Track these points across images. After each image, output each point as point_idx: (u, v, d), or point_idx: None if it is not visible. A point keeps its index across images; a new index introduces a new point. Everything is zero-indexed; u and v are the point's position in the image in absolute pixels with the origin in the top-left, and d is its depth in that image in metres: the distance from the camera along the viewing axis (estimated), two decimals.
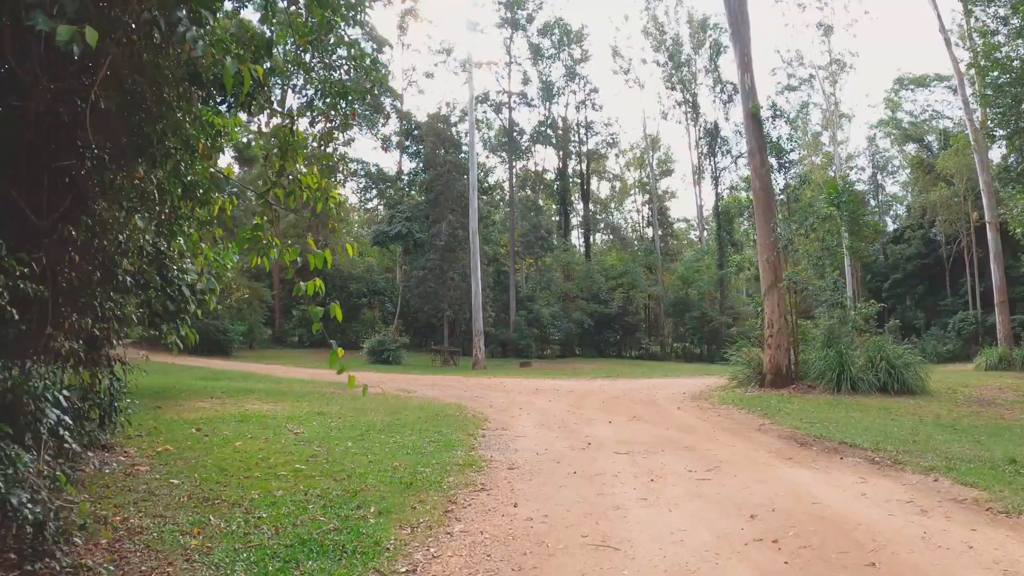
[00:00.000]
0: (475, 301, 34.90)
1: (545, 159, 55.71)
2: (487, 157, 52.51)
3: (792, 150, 27.14)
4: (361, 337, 38.80)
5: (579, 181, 56.76)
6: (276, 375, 22.10)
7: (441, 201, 41.01)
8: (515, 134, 51.62)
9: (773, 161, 20.20)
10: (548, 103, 53.29)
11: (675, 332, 49.06)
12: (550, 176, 57.04)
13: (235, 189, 7.12)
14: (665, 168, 64.08)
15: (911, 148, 55.97)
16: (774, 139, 22.81)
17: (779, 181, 22.00)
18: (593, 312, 47.78)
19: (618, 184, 69.32)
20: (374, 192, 53.91)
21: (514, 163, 52.46)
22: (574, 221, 57.09)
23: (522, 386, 19.64)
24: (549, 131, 53.70)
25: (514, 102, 51.85)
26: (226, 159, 22.64)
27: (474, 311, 35.08)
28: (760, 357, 17.45)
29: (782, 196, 21.73)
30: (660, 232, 58.33)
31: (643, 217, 67.90)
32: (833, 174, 60.39)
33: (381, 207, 52.96)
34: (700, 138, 52.50)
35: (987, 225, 30.15)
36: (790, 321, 16.61)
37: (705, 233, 60.32)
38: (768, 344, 16.82)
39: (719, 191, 51.14)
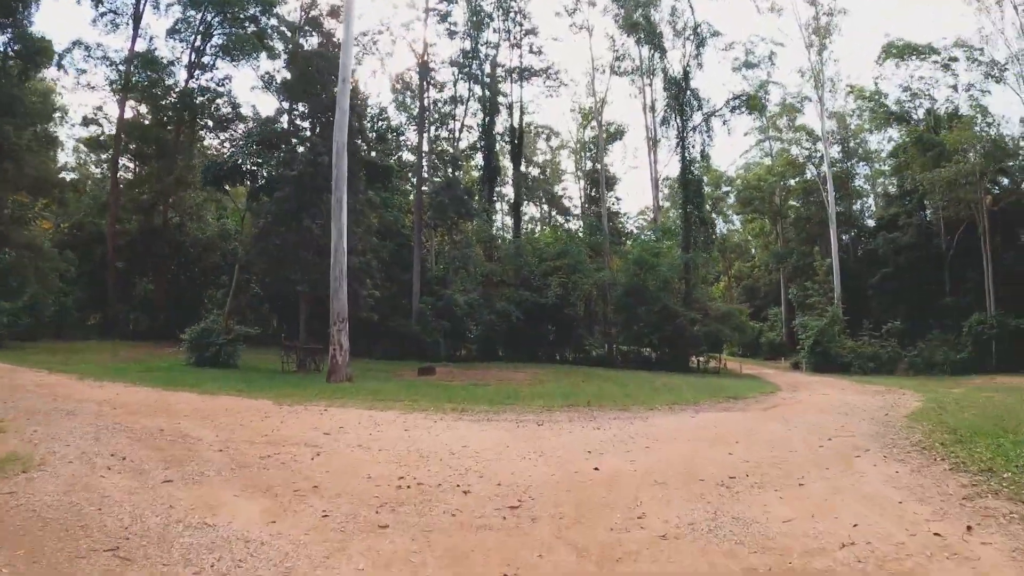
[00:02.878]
0: (335, 266, 22.38)
1: (468, 104, 46.08)
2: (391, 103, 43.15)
3: None
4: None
5: (509, 139, 47.56)
6: None
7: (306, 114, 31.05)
8: (427, 61, 42.56)
9: None
10: (476, 35, 44.11)
11: (627, 330, 40.60)
12: (474, 135, 47.90)
13: None
14: (616, 129, 55.52)
15: (892, 135, 53.21)
16: None
17: None
18: (523, 302, 39.06)
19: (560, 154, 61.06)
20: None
21: (427, 104, 43.06)
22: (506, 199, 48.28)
23: (352, 463, 9.08)
24: (475, 69, 44.51)
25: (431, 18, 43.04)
26: None
27: (333, 282, 22.48)
28: None
29: None
30: (608, 207, 50.03)
31: (585, 187, 59.43)
32: (819, 156, 54.90)
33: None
34: (666, 88, 44.18)
35: None
36: None
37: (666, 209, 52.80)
38: None
39: (686, 154, 42.88)
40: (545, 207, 67.01)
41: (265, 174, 31.11)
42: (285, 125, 33.94)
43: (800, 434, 12.04)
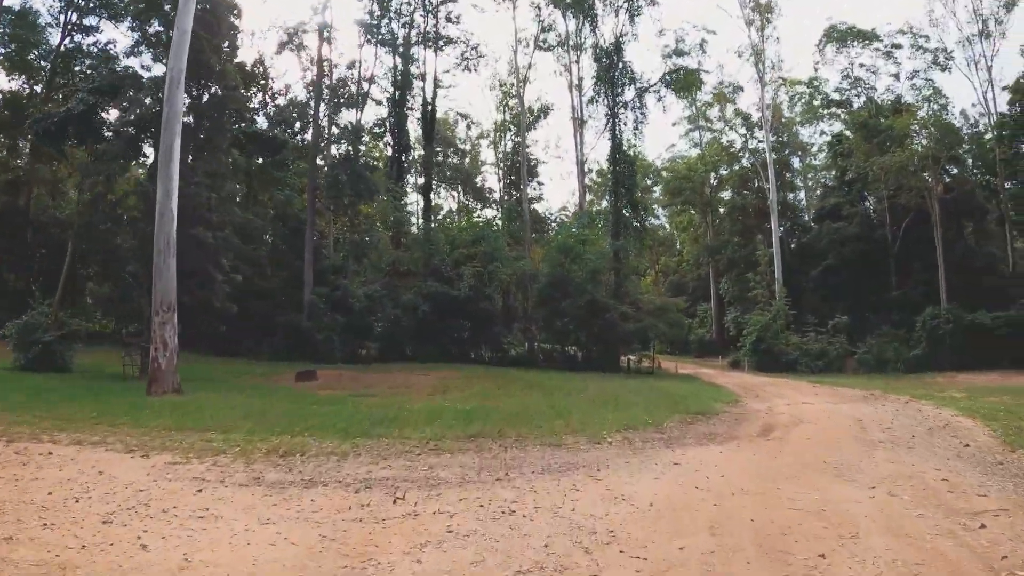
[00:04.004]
0: (159, 235, 17.25)
1: (375, 72, 41.32)
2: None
3: None
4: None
5: (421, 114, 42.95)
6: None
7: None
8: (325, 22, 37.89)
9: None
10: None
11: (550, 326, 36.65)
12: (383, 111, 43.19)
13: None
14: (541, 107, 51.37)
15: (824, 129, 52.87)
16: None
17: None
18: (433, 294, 34.49)
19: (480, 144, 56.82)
20: None
21: (325, 68, 38.32)
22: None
23: None
24: (384, 31, 39.95)
25: None
26: None
27: (157, 257, 17.26)
28: None
29: None
30: (531, 192, 46.18)
31: (505, 171, 55.55)
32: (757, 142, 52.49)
33: None
34: (597, 59, 40.17)
35: None
36: None
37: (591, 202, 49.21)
38: None
39: (617, 130, 39.20)
40: (462, 196, 62.76)
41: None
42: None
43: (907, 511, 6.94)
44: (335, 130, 40.46)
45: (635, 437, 11.43)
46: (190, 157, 25.43)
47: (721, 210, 59.71)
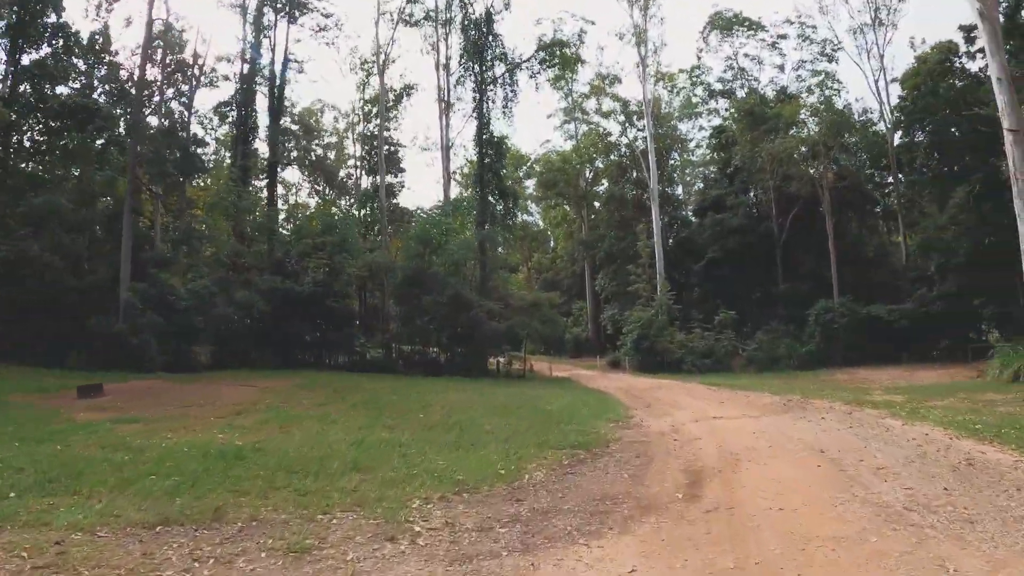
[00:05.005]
0: None
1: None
2: None
3: None
4: None
5: (269, 88, 38.23)
6: None
7: None
8: None
9: None
10: None
11: (409, 326, 32.98)
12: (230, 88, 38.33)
13: None
14: (404, 86, 47.46)
15: (703, 124, 52.22)
16: None
17: None
18: (272, 291, 30.17)
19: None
20: None
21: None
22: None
23: None
24: None
25: None
26: None
27: None
28: None
29: None
30: (390, 179, 42.38)
31: (364, 156, 51.41)
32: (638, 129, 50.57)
33: None
34: (465, 30, 36.66)
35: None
36: None
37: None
38: None
39: (485, 110, 35.88)
40: (327, 191, 57.53)
41: None
42: None
43: None
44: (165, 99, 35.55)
45: (466, 517, 6.69)
46: None
47: (597, 205, 57.35)
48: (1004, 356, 19.04)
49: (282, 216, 42.21)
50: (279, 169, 41.29)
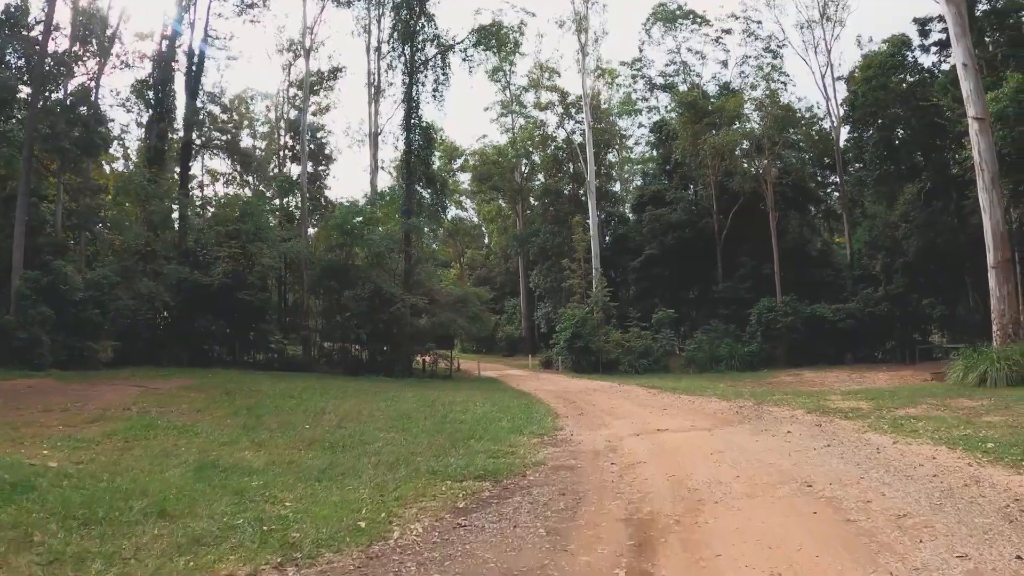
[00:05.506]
0: None
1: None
2: None
3: None
4: None
5: (187, 64, 35.80)
6: None
7: None
8: None
9: None
10: None
11: (329, 321, 31.18)
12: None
13: None
14: (332, 68, 45.27)
15: (642, 121, 51.80)
16: None
17: None
18: (181, 282, 28.16)
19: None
20: None
21: None
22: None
23: None
24: None
25: None
26: None
27: None
28: None
29: None
30: (317, 168, 40.47)
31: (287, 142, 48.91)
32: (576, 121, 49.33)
33: None
34: (397, 8, 34.78)
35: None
36: None
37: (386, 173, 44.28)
38: None
39: (415, 93, 34.20)
40: (256, 183, 54.67)
41: None
42: None
43: None
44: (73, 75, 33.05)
45: None
46: None
47: (533, 201, 55.74)
48: (968, 358, 18.03)
49: (199, 203, 39.86)
50: (195, 152, 39.06)
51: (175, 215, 31.88)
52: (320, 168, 45.68)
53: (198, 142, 41.62)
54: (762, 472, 8.33)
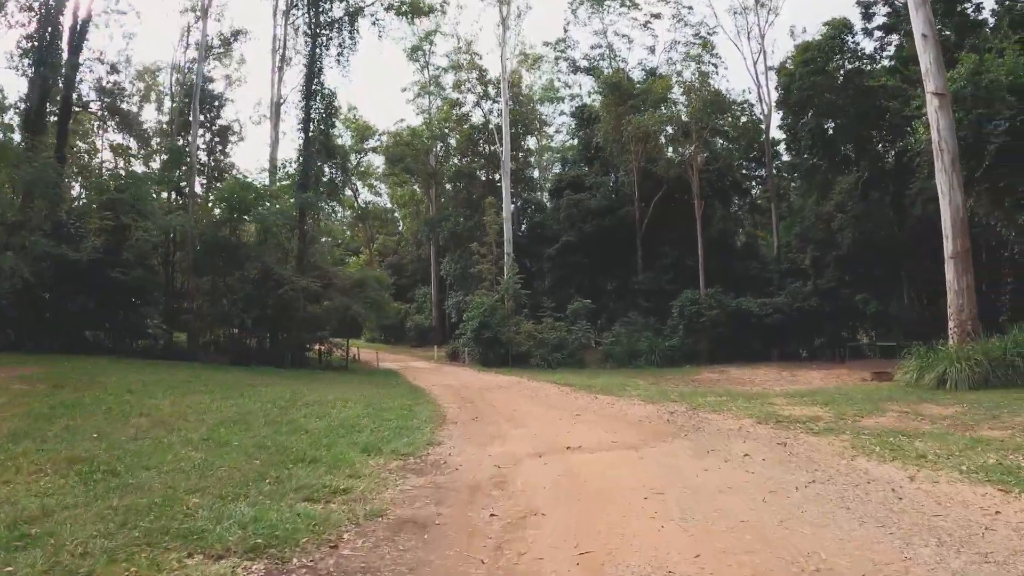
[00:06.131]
0: None
1: None
2: None
3: None
4: None
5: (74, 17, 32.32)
6: None
7: None
8: None
9: None
10: None
11: (215, 306, 28.64)
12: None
13: None
14: (232, 30, 42.20)
15: (564, 109, 51.35)
16: None
17: None
18: (46, 256, 25.18)
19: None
20: None
21: None
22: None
23: None
24: None
25: None
26: None
27: None
28: None
29: None
30: (206, 134, 37.79)
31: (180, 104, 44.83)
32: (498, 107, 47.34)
33: None
34: None
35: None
36: None
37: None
38: None
39: (317, 55, 31.73)
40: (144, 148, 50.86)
41: None
42: None
43: None
44: None
45: None
46: None
47: (447, 185, 53.33)
48: (923, 358, 16.65)
49: (77, 172, 36.58)
50: (74, 113, 35.70)
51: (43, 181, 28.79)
52: (219, 141, 42.50)
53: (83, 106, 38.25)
54: (737, 544, 5.31)
